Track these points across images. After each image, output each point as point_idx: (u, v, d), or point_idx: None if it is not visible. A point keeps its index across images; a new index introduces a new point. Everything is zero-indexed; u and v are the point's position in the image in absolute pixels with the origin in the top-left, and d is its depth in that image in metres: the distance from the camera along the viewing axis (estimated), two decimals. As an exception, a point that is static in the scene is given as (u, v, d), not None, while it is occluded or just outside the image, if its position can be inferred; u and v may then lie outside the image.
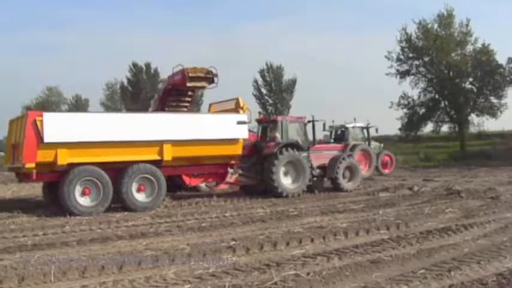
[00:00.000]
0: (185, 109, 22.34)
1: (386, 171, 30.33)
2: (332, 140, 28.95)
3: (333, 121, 30.52)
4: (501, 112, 44.57)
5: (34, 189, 21.41)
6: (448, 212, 14.12)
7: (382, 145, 32.43)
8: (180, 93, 21.70)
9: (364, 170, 27.28)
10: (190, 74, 20.17)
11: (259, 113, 29.58)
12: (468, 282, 7.35)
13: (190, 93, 22.15)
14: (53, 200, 16.58)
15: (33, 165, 15.23)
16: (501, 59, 44.29)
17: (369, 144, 29.88)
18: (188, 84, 20.43)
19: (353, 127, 30.08)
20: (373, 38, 77.90)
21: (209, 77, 20.54)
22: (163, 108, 21.38)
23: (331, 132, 30.43)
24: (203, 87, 21.48)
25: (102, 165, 15.95)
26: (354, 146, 28.02)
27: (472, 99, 45.17)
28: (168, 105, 21.72)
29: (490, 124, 46.59)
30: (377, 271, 8.06)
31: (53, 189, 16.33)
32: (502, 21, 74.96)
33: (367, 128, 30.50)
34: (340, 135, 29.98)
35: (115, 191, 16.11)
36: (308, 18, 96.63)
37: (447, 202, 16.34)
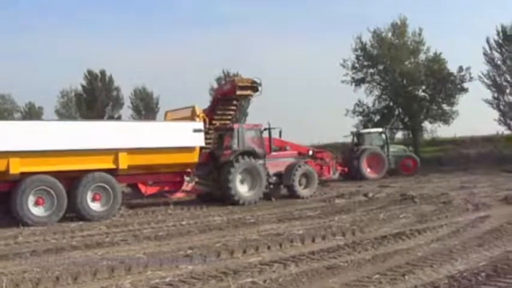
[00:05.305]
0: (230, 117, 23.12)
1: (407, 173, 31.77)
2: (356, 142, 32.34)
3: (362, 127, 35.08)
4: (453, 119, 45.54)
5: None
6: (402, 218, 14.37)
7: (407, 148, 35.33)
8: (226, 102, 22.63)
9: (372, 173, 30.14)
10: (239, 84, 21.51)
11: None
12: (421, 285, 7.51)
13: (235, 102, 23.07)
14: (6, 211, 16.20)
15: (-16, 174, 14.89)
16: (452, 67, 45.34)
17: (387, 148, 31.82)
18: (237, 93, 21.59)
19: (368, 133, 33.04)
20: (328, 46, 78.40)
21: (254, 86, 21.68)
22: (212, 118, 21.76)
23: (352, 138, 33.59)
24: (249, 96, 22.90)
25: (56, 174, 15.67)
26: (364, 150, 30.45)
27: (425, 106, 45.98)
28: (216, 113, 22.49)
29: (442, 131, 47.35)
30: (333, 277, 8.15)
31: (5, 199, 15.94)
32: (452, 31, 76.59)
33: (385, 133, 33.35)
34: (358, 140, 32.44)
35: (69, 200, 15.86)
36: (258, 26, 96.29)
37: (401, 207, 16.61)
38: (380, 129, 34.53)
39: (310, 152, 24.37)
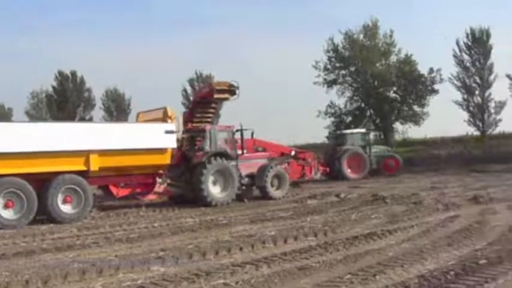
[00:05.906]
0: (209, 119, 23.21)
1: (389, 173, 32.14)
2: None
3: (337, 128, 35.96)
4: (424, 120, 46.21)
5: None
6: (373, 218, 14.48)
7: (389, 148, 36.06)
8: (205, 105, 22.90)
9: (353, 173, 30.51)
10: (216, 87, 21.71)
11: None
12: (392, 285, 7.57)
13: (213, 105, 23.42)
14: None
15: (-49, 177, 14.64)
16: (423, 69, 45.95)
17: (370, 148, 32.21)
18: (215, 96, 21.79)
19: (351, 133, 33.34)
20: (300, 47, 78.32)
21: (231, 90, 21.84)
22: (191, 120, 22.30)
23: (333, 139, 34.30)
24: (226, 99, 22.80)
25: (26, 176, 15.45)
26: (345, 151, 30.78)
27: (397, 107, 46.61)
28: (195, 116, 22.69)
29: (413, 132, 48.10)
30: (305, 278, 8.18)
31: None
32: (423, 33, 77.38)
33: (367, 134, 33.90)
34: (341, 140, 32.65)
35: (40, 202, 15.66)
36: (237, 27, 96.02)
37: (373, 208, 16.74)
38: (363, 130, 35.04)
39: (293, 153, 24.59)
